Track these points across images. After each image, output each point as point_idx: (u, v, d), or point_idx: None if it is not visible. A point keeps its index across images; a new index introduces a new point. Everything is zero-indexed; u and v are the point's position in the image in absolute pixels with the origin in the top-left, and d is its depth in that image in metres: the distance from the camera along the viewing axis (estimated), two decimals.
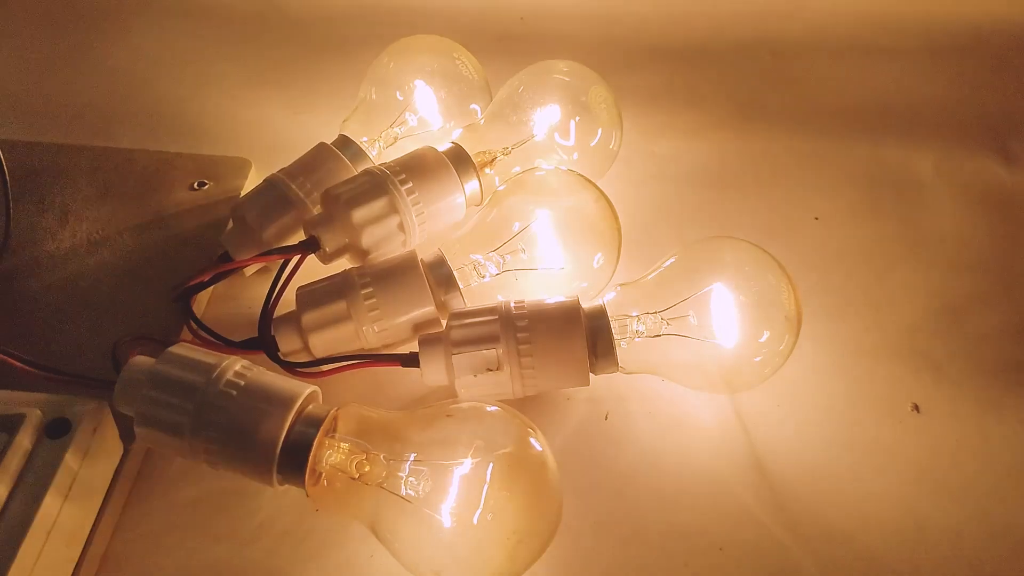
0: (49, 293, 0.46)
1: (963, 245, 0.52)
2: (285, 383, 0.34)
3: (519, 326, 0.38)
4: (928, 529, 0.38)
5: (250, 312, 0.46)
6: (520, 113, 0.49)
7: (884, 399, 0.43)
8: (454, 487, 0.32)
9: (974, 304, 0.48)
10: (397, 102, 0.51)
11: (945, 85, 0.66)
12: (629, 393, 0.43)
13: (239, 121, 0.62)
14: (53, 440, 0.33)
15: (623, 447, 0.41)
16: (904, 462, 0.41)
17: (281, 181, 0.46)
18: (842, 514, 0.38)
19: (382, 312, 0.41)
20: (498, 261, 0.43)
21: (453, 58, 0.52)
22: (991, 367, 0.45)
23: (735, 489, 0.39)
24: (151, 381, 0.33)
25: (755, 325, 0.39)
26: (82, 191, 0.52)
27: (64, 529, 0.33)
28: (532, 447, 0.33)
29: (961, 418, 0.43)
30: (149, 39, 0.70)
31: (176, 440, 0.33)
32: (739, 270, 0.40)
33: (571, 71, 0.50)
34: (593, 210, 0.43)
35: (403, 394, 0.43)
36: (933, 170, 0.57)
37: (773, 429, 0.42)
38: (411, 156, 0.46)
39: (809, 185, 0.56)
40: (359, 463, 0.33)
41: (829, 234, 0.53)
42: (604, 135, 0.50)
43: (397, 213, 0.43)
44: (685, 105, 0.64)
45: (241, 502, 0.38)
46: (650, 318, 0.40)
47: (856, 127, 0.61)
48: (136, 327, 0.43)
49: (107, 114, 0.62)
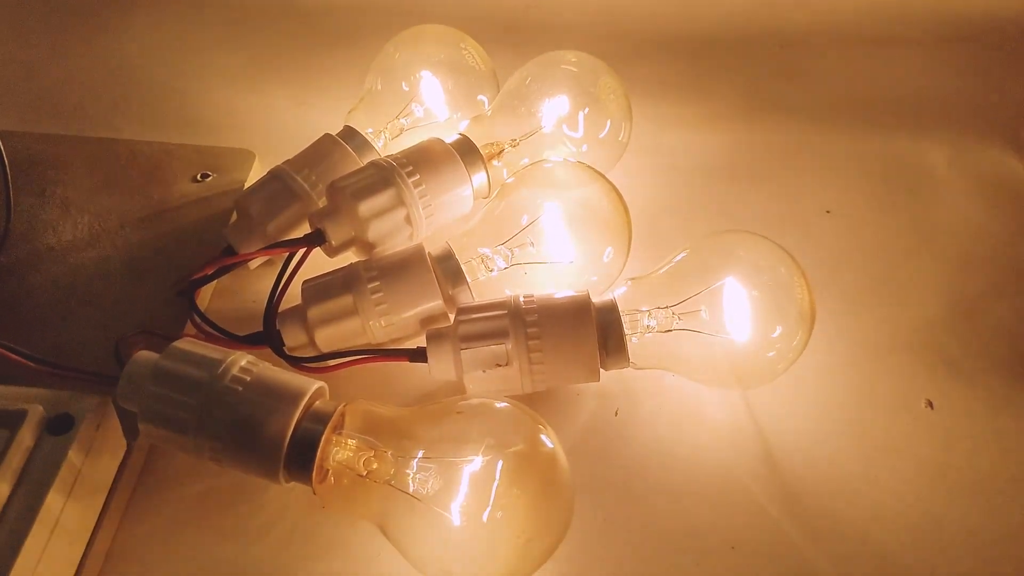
0: (50, 286, 0.45)
1: (976, 238, 0.51)
2: (292, 379, 0.34)
3: (529, 321, 0.38)
4: (944, 527, 0.38)
5: (254, 306, 0.46)
6: (528, 104, 0.48)
7: (898, 395, 0.43)
8: (463, 485, 0.31)
9: (988, 298, 0.48)
10: (403, 93, 0.50)
11: (957, 76, 0.65)
12: (639, 389, 0.42)
13: (242, 112, 0.61)
14: (56, 437, 0.32)
15: (633, 443, 0.41)
16: (918, 459, 0.40)
17: (286, 173, 0.46)
18: (856, 512, 0.38)
19: (389, 306, 0.40)
20: (507, 255, 0.42)
21: (460, 48, 0.51)
22: (1006, 362, 0.44)
23: (747, 486, 0.39)
24: (155, 377, 0.33)
25: (768, 320, 0.39)
26: (84, 183, 0.51)
27: (67, 527, 0.32)
28: (543, 444, 0.33)
29: (976, 414, 0.42)
30: (152, 29, 0.70)
31: (181, 437, 0.32)
32: (752, 264, 0.39)
33: (579, 62, 0.50)
34: (603, 203, 0.43)
35: (410, 389, 0.42)
36: (946, 163, 0.56)
37: (785, 425, 0.41)
38: (418, 148, 0.45)
39: (820, 178, 0.56)
40: (367, 460, 0.32)
41: (841, 228, 0.52)
42: (613, 126, 0.49)
43: (404, 206, 0.43)
44: (694, 96, 0.63)
45: (246, 498, 0.38)
46: (661, 313, 0.39)
47: (867, 119, 0.61)
48: (138, 321, 0.43)
49: (109, 105, 0.61)
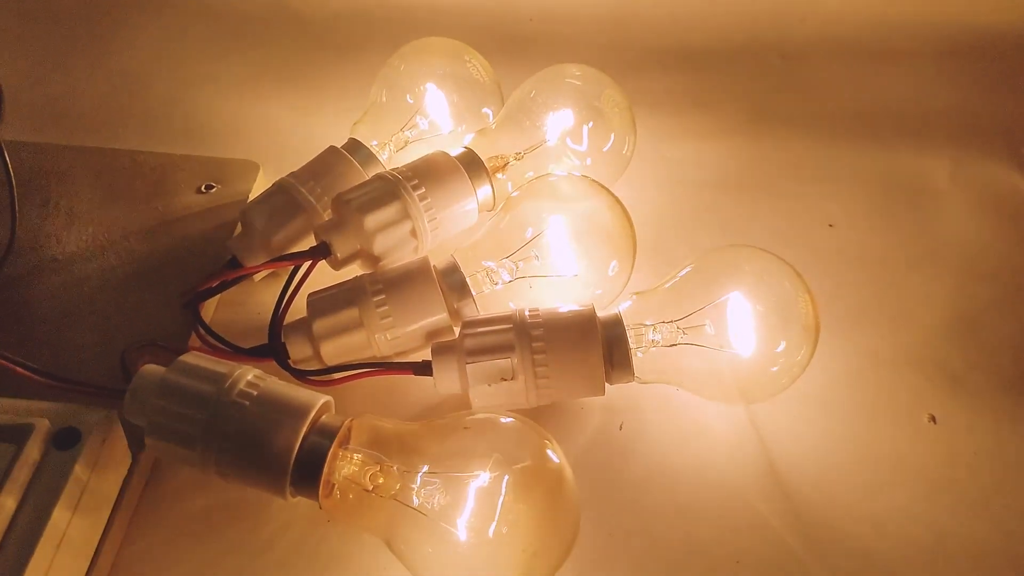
0: (55, 298, 0.45)
1: (978, 253, 0.52)
2: (298, 393, 0.34)
3: (534, 335, 0.38)
4: (946, 542, 0.38)
5: (259, 318, 0.46)
6: (533, 117, 0.48)
7: (901, 410, 0.43)
8: (470, 500, 0.31)
9: (990, 313, 0.48)
10: (408, 105, 0.50)
11: (959, 90, 0.65)
12: (644, 403, 0.42)
13: (247, 123, 0.61)
14: (62, 451, 0.32)
15: (638, 458, 0.41)
16: (921, 474, 0.40)
17: (291, 185, 0.46)
18: (860, 527, 0.38)
19: (394, 320, 0.40)
20: (511, 268, 0.42)
21: (464, 61, 0.51)
22: (1008, 377, 0.45)
23: (752, 501, 0.39)
24: (162, 391, 0.33)
25: (772, 335, 0.39)
26: (88, 194, 0.51)
27: (73, 541, 0.32)
28: (550, 460, 0.33)
29: (978, 429, 0.42)
30: (156, 39, 0.70)
31: (187, 451, 0.32)
32: (757, 279, 0.39)
33: (584, 75, 0.50)
34: (608, 216, 0.43)
35: (415, 403, 0.42)
36: (948, 177, 0.57)
37: (789, 439, 0.41)
38: (423, 161, 0.45)
39: (823, 191, 0.56)
40: (373, 475, 0.32)
41: (843, 241, 0.52)
42: (617, 140, 0.49)
43: (409, 219, 0.43)
44: (696, 109, 0.64)
45: (252, 512, 0.38)
46: (666, 327, 0.39)
47: (869, 132, 0.61)
48: (143, 333, 0.43)
49: (113, 115, 0.61)
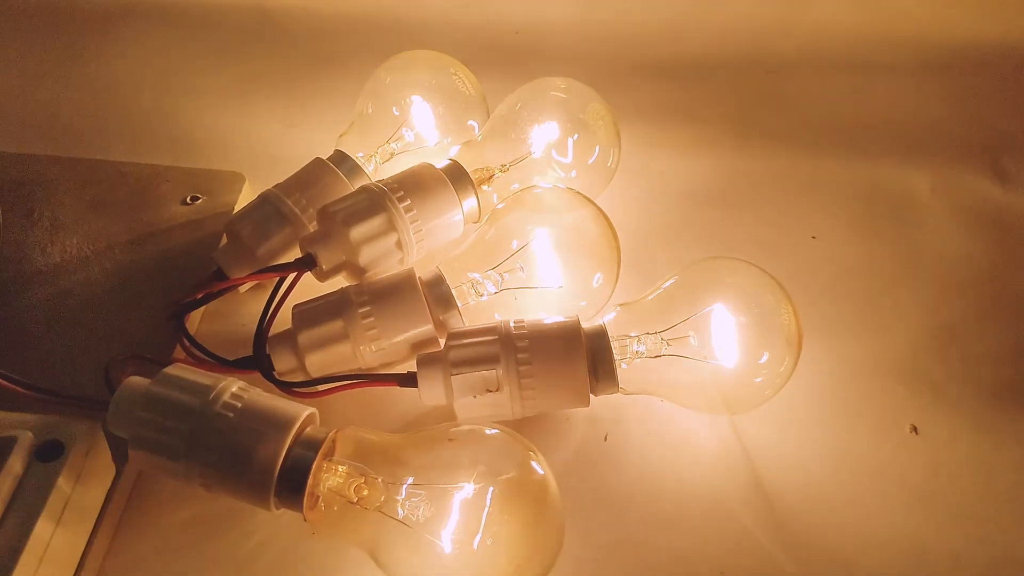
0: (38, 309, 0.45)
1: (959, 264, 0.52)
2: (283, 405, 0.34)
3: (519, 347, 0.38)
4: (928, 552, 0.38)
5: (244, 329, 0.46)
6: (518, 130, 0.49)
7: (883, 420, 0.43)
8: (455, 512, 0.31)
9: (971, 324, 0.48)
10: (394, 117, 0.50)
11: (940, 103, 0.66)
12: (628, 414, 0.43)
13: (232, 134, 0.61)
14: (45, 464, 0.32)
15: (622, 469, 0.41)
16: (904, 484, 0.40)
17: (276, 197, 0.46)
18: (843, 537, 0.38)
19: (380, 331, 0.40)
20: (496, 279, 0.42)
21: (450, 73, 0.52)
22: (989, 387, 0.45)
23: (736, 511, 0.39)
24: (146, 403, 0.33)
25: (755, 346, 0.39)
26: (72, 205, 0.51)
27: (56, 554, 0.32)
28: (534, 472, 0.33)
29: (959, 440, 0.42)
30: (141, 50, 0.70)
31: (171, 463, 0.32)
32: (740, 291, 0.40)
33: (569, 88, 0.50)
34: (592, 228, 0.43)
35: (400, 414, 0.42)
36: (929, 189, 0.57)
37: (772, 450, 0.42)
38: (409, 173, 0.46)
39: (806, 204, 0.56)
40: (357, 487, 0.32)
41: (826, 253, 0.53)
42: (602, 152, 0.50)
43: (395, 231, 0.43)
44: (681, 122, 0.64)
45: (236, 524, 0.38)
46: (650, 338, 0.40)
47: (852, 145, 0.61)
48: (127, 344, 0.43)
49: (98, 126, 0.61)
